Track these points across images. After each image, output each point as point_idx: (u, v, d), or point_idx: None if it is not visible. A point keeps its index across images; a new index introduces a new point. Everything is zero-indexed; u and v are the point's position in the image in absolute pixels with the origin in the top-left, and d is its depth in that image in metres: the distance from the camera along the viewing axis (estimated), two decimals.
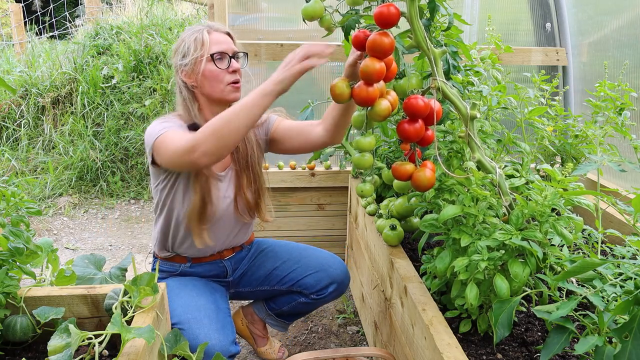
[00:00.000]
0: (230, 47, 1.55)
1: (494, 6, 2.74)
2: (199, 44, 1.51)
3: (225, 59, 1.53)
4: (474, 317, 1.29)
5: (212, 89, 1.53)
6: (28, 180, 3.86)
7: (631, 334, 0.82)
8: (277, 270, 1.79)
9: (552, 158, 1.90)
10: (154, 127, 1.48)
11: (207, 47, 1.51)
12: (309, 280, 1.75)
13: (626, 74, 2.17)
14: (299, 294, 1.79)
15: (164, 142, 1.42)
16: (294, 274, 1.77)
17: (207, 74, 1.51)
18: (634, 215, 1.03)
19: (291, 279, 1.77)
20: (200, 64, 1.51)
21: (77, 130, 4.16)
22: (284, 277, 1.78)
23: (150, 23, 4.79)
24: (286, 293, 1.81)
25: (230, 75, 1.53)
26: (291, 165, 2.63)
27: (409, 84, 1.52)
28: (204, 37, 1.51)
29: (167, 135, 1.42)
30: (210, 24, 1.58)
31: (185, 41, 1.53)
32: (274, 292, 1.82)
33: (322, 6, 1.43)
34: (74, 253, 3.11)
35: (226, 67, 1.52)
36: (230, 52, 1.54)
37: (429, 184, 1.25)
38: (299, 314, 1.91)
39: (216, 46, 1.52)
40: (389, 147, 2.06)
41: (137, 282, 1.11)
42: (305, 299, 1.78)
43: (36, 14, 8.19)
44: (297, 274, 1.77)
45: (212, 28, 1.56)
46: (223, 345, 1.44)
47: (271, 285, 1.80)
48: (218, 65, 1.51)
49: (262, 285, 1.81)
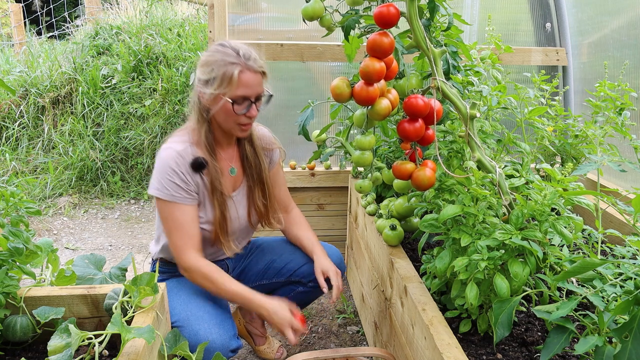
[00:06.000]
0: (255, 90, 1.48)
1: (494, 6, 2.74)
2: (226, 81, 1.43)
3: (245, 104, 1.48)
4: (474, 317, 1.29)
5: (223, 122, 1.53)
6: (28, 181, 3.86)
7: (631, 334, 0.82)
8: (274, 263, 1.81)
9: (552, 158, 1.90)
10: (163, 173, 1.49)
11: (234, 88, 1.44)
12: (306, 269, 1.77)
13: (626, 74, 2.17)
14: (297, 283, 1.81)
15: (167, 220, 1.52)
16: (291, 264, 1.80)
17: (223, 111, 1.49)
18: (634, 215, 1.03)
19: (289, 270, 1.80)
20: (219, 100, 1.47)
21: (77, 130, 4.16)
22: (281, 268, 1.80)
23: (150, 23, 4.79)
24: (285, 284, 1.83)
25: (245, 118, 1.51)
26: (291, 165, 2.63)
27: (409, 83, 1.52)
28: (233, 75, 1.43)
29: (173, 217, 1.51)
30: (246, 55, 1.46)
31: (215, 69, 1.44)
32: (273, 285, 1.84)
33: (322, 6, 1.43)
34: (74, 253, 3.11)
35: (243, 112, 1.49)
36: (253, 97, 1.49)
37: (429, 183, 1.25)
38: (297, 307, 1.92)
39: (242, 89, 1.45)
40: (389, 146, 2.06)
41: (137, 282, 1.11)
42: (304, 287, 1.80)
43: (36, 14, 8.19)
44: (294, 264, 1.80)
45: (246, 66, 1.45)
46: (224, 340, 1.45)
47: (269, 279, 1.82)
48: (235, 110, 1.47)
49: (261, 280, 1.82)
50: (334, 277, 1.67)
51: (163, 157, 1.51)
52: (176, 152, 1.51)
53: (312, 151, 2.37)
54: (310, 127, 1.95)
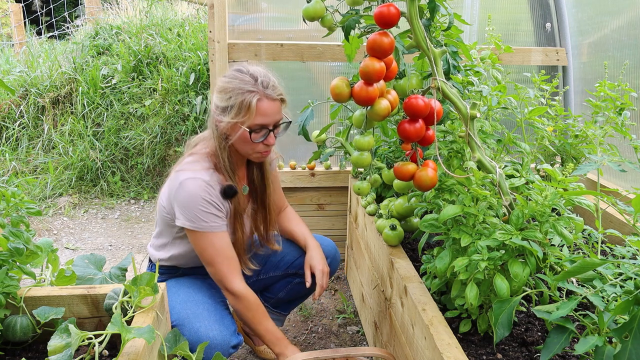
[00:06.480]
0: (274, 119, 1.47)
1: (494, 6, 2.74)
2: (244, 110, 1.41)
3: (263, 132, 1.47)
4: (474, 317, 1.29)
5: (241, 149, 1.52)
6: (28, 181, 3.86)
7: (631, 334, 0.82)
8: (271, 257, 1.84)
9: (552, 158, 1.90)
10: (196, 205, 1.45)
11: (252, 117, 1.42)
12: (302, 260, 1.80)
13: (626, 74, 2.17)
14: (294, 275, 1.84)
15: (206, 250, 1.50)
16: (288, 257, 1.83)
17: (241, 139, 1.47)
18: (634, 215, 1.03)
19: (286, 262, 1.83)
20: (238, 128, 1.45)
21: (77, 130, 4.16)
22: (278, 261, 1.83)
23: (150, 23, 4.79)
24: (282, 277, 1.85)
25: (263, 146, 1.50)
26: (291, 166, 2.63)
27: (409, 83, 1.52)
28: (251, 105, 1.41)
29: (213, 247, 1.50)
30: (265, 82, 1.44)
31: (232, 97, 1.42)
32: (271, 279, 1.86)
33: (323, 6, 1.43)
34: (74, 253, 3.11)
35: (261, 140, 1.48)
36: (271, 125, 1.48)
37: (431, 183, 1.25)
38: (294, 300, 1.95)
39: (260, 118, 1.44)
40: (389, 147, 2.06)
41: (137, 282, 1.11)
42: (300, 279, 1.83)
43: (36, 14, 8.19)
44: (291, 256, 1.83)
45: (265, 94, 1.43)
46: (224, 336, 1.45)
47: (267, 274, 1.84)
48: (253, 138, 1.46)
49: (259, 275, 1.84)
50: (319, 275, 1.69)
51: (191, 189, 1.46)
52: (204, 182, 1.48)
53: (312, 151, 2.37)
54: (310, 127, 1.95)
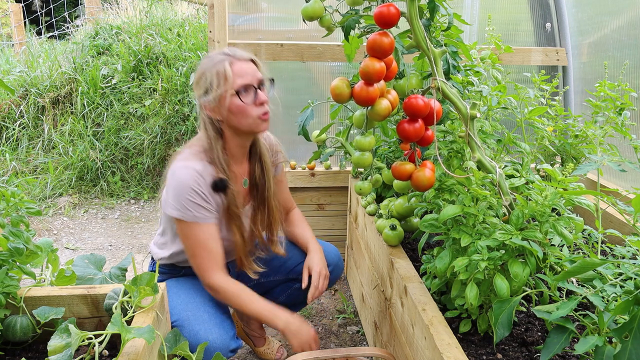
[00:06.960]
0: (255, 77, 1.46)
1: (494, 6, 2.74)
2: (221, 79, 1.41)
3: (250, 92, 1.45)
4: (474, 317, 1.29)
5: (239, 123, 1.47)
6: (28, 181, 3.86)
7: (631, 334, 0.82)
8: (273, 261, 1.81)
9: (552, 158, 1.90)
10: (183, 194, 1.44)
11: (231, 81, 1.41)
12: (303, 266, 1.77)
13: (626, 74, 2.17)
14: (295, 280, 1.82)
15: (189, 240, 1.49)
16: (290, 261, 1.81)
17: (234, 110, 1.44)
18: (634, 215, 1.03)
19: (287, 267, 1.81)
20: (225, 100, 1.43)
21: (77, 130, 4.16)
22: (280, 266, 1.81)
23: (150, 23, 4.79)
24: (283, 282, 1.84)
25: (258, 108, 1.47)
26: (291, 166, 2.63)
27: (409, 83, 1.52)
28: (226, 70, 1.41)
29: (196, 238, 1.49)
30: (231, 51, 1.46)
31: (207, 75, 1.43)
32: (271, 283, 1.85)
33: (322, 6, 1.43)
34: (74, 253, 3.11)
35: (252, 100, 1.45)
36: (255, 83, 1.46)
37: (428, 183, 1.25)
38: (295, 305, 1.92)
39: (240, 79, 1.42)
40: (389, 147, 2.06)
41: (137, 282, 1.11)
42: (301, 284, 1.79)
43: (36, 14, 8.19)
44: (293, 261, 1.81)
45: (234, 57, 1.44)
46: (224, 340, 1.45)
47: (268, 277, 1.82)
48: (244, 100, 1.44)
49: (260, 278, 1.82)
50: (315, 276, 1.67)
51: (181, 177, 1.45)
52: (195, 171, 1.46)
53: (312, 151, 2.37)
54: (310, 127, 1.95)
